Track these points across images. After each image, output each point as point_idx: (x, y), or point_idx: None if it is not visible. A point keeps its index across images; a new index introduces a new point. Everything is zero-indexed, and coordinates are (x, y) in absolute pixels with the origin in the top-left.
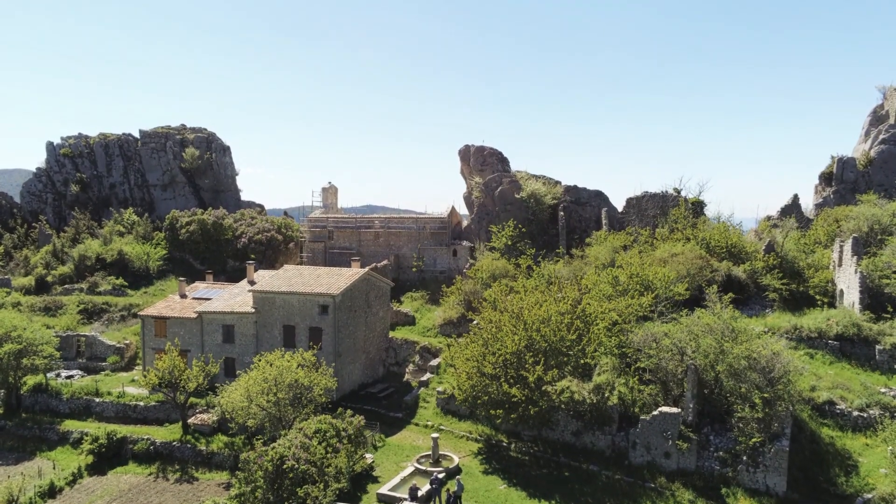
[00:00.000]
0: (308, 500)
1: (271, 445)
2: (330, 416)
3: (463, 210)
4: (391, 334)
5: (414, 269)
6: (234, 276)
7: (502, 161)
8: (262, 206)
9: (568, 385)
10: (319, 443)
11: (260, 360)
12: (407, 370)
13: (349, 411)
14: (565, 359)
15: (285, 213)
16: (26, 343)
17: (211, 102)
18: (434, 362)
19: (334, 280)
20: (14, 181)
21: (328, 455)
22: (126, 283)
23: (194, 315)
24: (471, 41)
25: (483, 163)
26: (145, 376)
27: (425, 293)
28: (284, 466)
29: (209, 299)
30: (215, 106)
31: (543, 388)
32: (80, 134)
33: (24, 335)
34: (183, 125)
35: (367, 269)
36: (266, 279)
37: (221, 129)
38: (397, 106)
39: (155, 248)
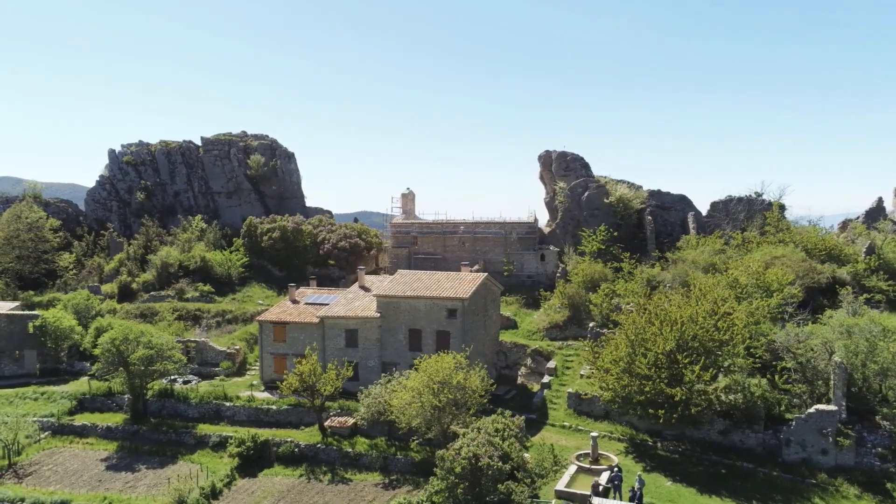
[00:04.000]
0: (513, 496)
1: (459, 444)
2: (494, 416)
3: (544, 215)
4: None
5: (505, 274)
6: (320, 282)
7: (585, 166)
8: (330, 213)
9: (727, 384)
10: (502, 441)
11: (420, 362)
12: (519, 373)
13: (507, 411)
14: (716, 358)
15: (355, 218)
16: (156, 349)
17: (270, 109)
18: (550, 365)
19: (457, 284)
20: (64, 195)
21: (514, 452)
22: (212, 290)
23: (316, 320)
24: (542, 42)
25: (566, 168)
26: (280, 383)
27: (519, 297)
28: (480, 464)
29: (325, 304)
30: (274, 112)
31: (696, 388)
32: (140, 141)
33: (153, 341)
34: (244, 132)
35: (484, 274)
36: (386, 284)
37: (282, 135)
38: (463, 109)
39: (233, 255)
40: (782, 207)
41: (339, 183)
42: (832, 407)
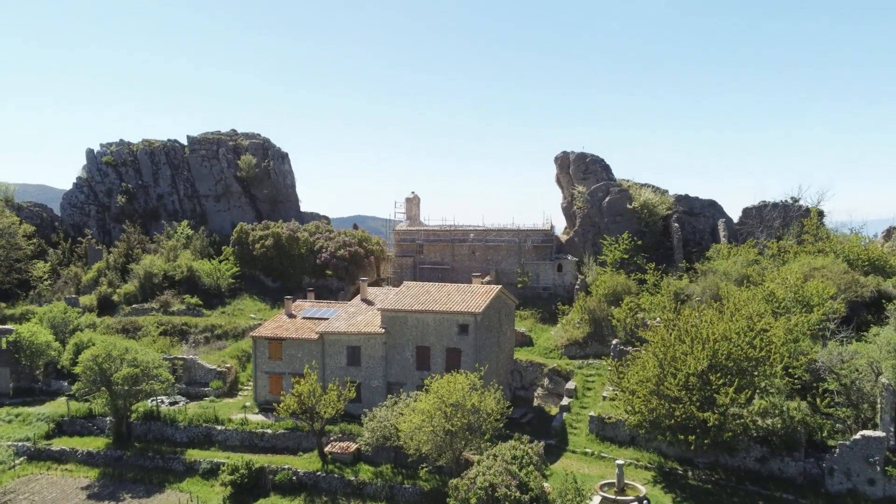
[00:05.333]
0: None
1: (474, 472)
2: (511, 441)
3: (559, 221)
4: None
5: (519, 286)
6: (318, 294)
7: (606, 169)
8: (327, 218)
9: (764, 407)
10: (520, 469)
11: (431, 382)
12: (536, 394)
13: (525, 437)
14: (752, 379)
15: (354, 224)
16: (142, 367)
17: (261, 104)
18: (569, 385)
19: (469, 297)
20: (34, 197)
21: (533, 482)
22: (200, 303)
23: (315, 336)
24: (558, 44)
25: (585, 171)
26: (276, 404)
27: (534, 311)
28: (497, 494)
29: (325, 319)
30: (267, 109)
31: (732, 412)
32: (121, 140)
33: (139, 358)
34: (234, 130)
35: (498, 286)
36: (391, 297)
37: (276, 134)
38: (472, 103)
39: (222, 264)
40: (821, 214)
41: (336, 184)
42: (880, 433)
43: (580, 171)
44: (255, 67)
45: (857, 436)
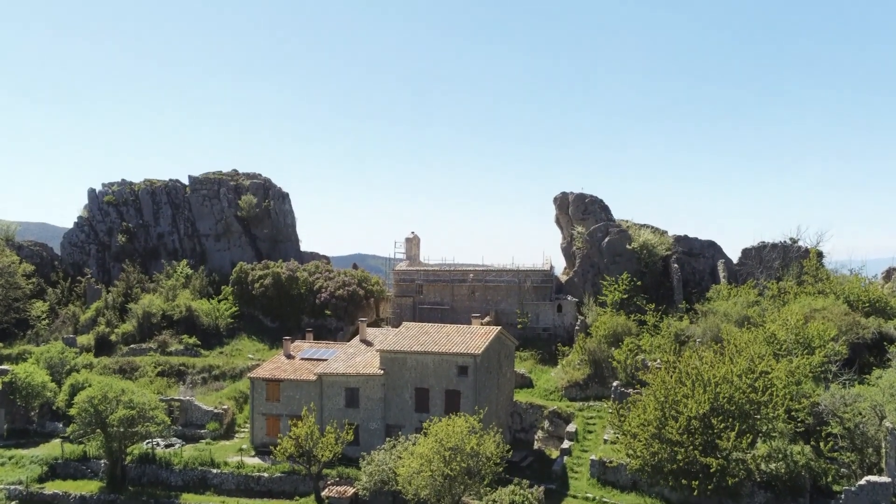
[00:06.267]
0: None
1: None
2: (512, 486)
3: (559, 261)
4: None
5: (519, 326)
6: (317, 334)
7: (605, 209)
8: (327, 258)
9: (767, 451)
10: None
11: (429, 425)
12: (536, 437)
13: (525, 481)
14: (755, 422)
15: (354, 264)
16: (138, 409)
17: (263, 145)
18: (570, 428)
19: (468, 338)
20: (34, 235)
21: None
22: (199, 343)
23: (313, 377)
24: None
25: (584, 211)
26: (273, 447)
27: (534, 352)
28: None
29: (323, 360)
30: (269, 149)
31: (735, 456)
32: (123, 180)
33: (135, 399)
34: (235, 170)
35: (498, 327)
36: (390, 337)
37: (276, 174)
38: (471, 145)
39: (221, 304)
40: (820, 255)
41: (335, 223)
42: (885, 478)
43: (579, 211)
44: (258, 108)
45: (863, 481)
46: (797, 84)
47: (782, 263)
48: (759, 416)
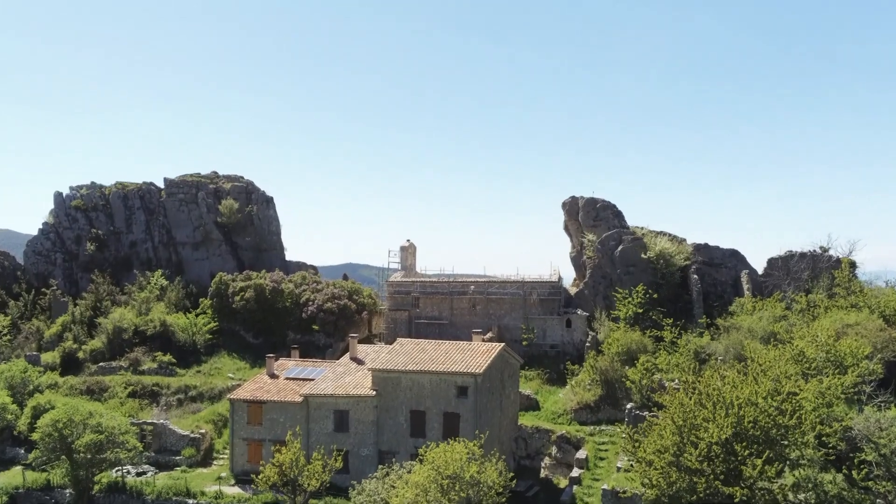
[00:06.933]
0: None
1: None
2: None
3: (567, 272)
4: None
5: (524, 343)
6: (303, 352)
7: (618, 215)
8: (315, 268)
9: (796, 480)
10: None
11: (426, 451)
12: (543, 464)
13: None
14: (782, 449)
15: (344, 275)
16: (107, 433)
17: (245, 146)
18: (580, 455)
19: (468, 356)
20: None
21: None
22: (174, 361)
23: (299, 399)
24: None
25: (596, 217)
26: (255, 475)
27: (541, 371)
28: None
29: (310, 380)
30: (251, 149)
31: (760, 486)
32: (92, 183)
33: (104, 423)
34: (215, 172)
35: (501, 344)
36: (383, 355)
37: (260, 177)
38: (471, 142)
39: (199, 318)
40: (853, 265)
41: (323, 229)
42: None
43: (590, 217)
44: (239, 106)
45: None
46: (827, 83)
47: (811, 275)
48: (786, 442)
